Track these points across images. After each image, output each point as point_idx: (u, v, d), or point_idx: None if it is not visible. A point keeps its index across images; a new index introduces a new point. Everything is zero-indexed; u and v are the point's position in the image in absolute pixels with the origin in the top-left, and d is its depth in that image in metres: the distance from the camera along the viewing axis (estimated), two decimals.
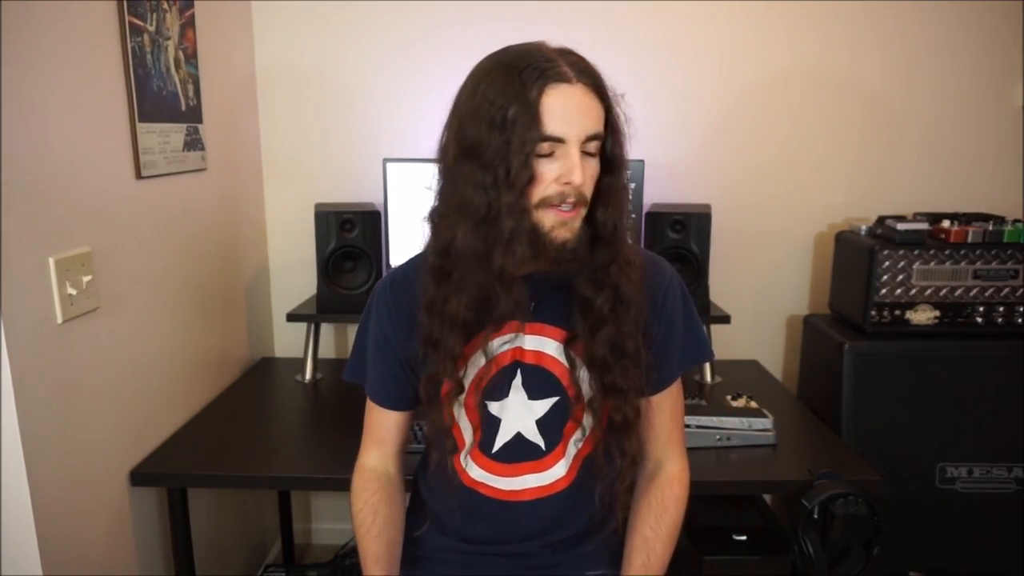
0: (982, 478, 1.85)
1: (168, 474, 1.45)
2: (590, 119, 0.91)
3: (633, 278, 0.99)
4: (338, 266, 1.91)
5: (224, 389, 1.88)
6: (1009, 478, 1.84)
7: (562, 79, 0.89)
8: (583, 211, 0.94)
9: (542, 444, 1.06)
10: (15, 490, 1.13)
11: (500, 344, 1.02)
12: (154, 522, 1.53)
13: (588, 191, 0.94)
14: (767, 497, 1.96)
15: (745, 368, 2.08)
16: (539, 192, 0.91)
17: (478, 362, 1.03)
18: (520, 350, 1.04)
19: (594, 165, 0.94)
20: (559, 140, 0.89)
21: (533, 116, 0.87)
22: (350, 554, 2.20)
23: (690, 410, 1.50)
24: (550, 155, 0.90)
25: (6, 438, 1.11)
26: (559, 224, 0.92)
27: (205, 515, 1.76)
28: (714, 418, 1.54)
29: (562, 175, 0.90)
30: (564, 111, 0.88)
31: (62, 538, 1.22)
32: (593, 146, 0.92)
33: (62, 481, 1.22)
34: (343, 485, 1.15)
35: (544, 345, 1.04)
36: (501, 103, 0.88)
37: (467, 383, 1.03)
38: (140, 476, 1.42)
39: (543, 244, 0.93)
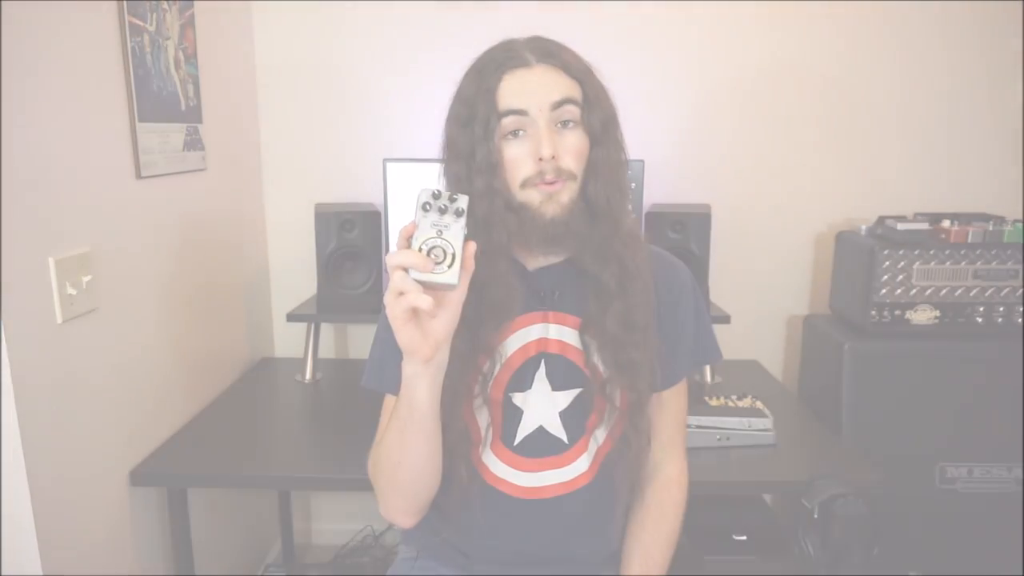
0: (982, 478, 1.85)
1: (168, 474, 1.45)
2: (555, 89, 0.90)
3: (639, 253, 0.98)
4: (338, 266, 1.91)
5: (224, 389, 1.88)
6: (1009, 478, 1.84)
7: (520, 64, 0.90)
8: (571, 185, 0.93)
9: (564, 437, 1.05)
10: (15, 490, 1.13)
11: (523, 336, 1.02)
12: (154, 522, 1.53)
13: (570, 165, 0.92)
14: (767, 497, 1.96)
15: (745, 368, 2.08)
16: (520, 174, 0.92)
17: (503, 354, 1.02)
18: (545, 340, 1.03)
19: (574, 138, 0.92)
20: (521, 112, 0.90)
21: (492, 101, 0.90)
22: (350, 554, 2.21)
23: (690, 409, 1.49)
24: (519, 134, 0.91)
25: (6, 438, 1.11)
26: (545, 198, 0.92)
27: (205, 515, 1.76)
28: (714, 418, 1.54)
29: (534, 151, 0.90)
30: (522, 88, 0.90)
31: (62, 538, 1.22)
32: (569, 113, 0.91)
33: (62, 481, 1.22)
34: (343, 485, 1.14)
35: (565, 334, 1.03)
36: (468, 101, 0.92)
37: (492, 376, 1.02)
38: (140, 476, 1.42)
39: (535, 222, 0.93)
